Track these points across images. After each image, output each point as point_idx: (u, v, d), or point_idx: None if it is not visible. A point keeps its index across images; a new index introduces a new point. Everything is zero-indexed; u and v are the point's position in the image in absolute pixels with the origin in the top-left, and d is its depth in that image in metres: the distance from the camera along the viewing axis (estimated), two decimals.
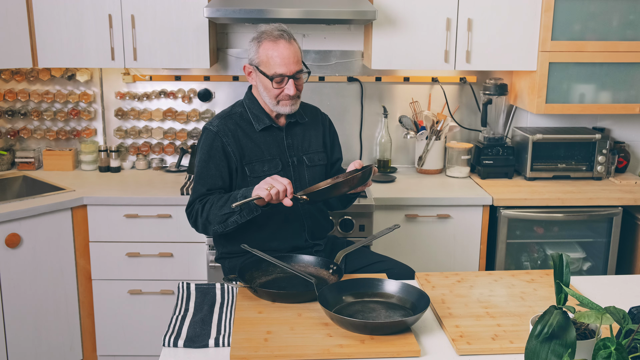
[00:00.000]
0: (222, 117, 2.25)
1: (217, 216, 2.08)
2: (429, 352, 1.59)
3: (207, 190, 2.17)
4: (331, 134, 2.45)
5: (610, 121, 3.56)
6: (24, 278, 2.80)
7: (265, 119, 2.25)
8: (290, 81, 2.14)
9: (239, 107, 2.29)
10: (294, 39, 2.18)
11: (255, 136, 2.24)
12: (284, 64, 2.12)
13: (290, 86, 2.14)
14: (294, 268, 1.95)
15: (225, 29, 3.41)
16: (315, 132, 2.37)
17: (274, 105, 2.20)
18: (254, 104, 2.27)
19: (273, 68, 2.13)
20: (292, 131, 2.31)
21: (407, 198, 2.98)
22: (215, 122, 2.23)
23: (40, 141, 3.48)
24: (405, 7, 3.06)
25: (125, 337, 3.06)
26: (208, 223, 2.12)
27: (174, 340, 1.62)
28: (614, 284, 2.03)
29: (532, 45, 3.12)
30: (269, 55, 2.13)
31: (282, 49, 2.12)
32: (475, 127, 3.55)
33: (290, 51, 2.13)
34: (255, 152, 2.22)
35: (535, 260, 3.15)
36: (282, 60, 2.11)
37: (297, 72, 2.15)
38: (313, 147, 2.34)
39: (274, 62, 2.12)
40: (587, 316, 1.25)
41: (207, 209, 2.11)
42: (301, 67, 2.17)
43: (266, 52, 2.13)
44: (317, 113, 2.44)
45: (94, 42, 3.05)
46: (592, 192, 3.11)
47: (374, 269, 2.25)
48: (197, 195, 2.18)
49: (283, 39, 2.13)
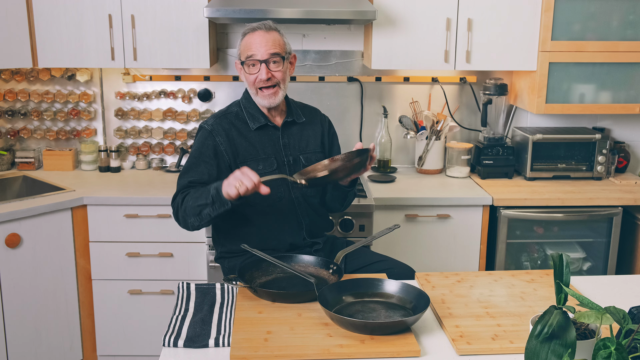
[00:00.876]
0: (218, 116, 2.27)
1: (193, 207, 2.07)
2: (429, 352, 1.59)
3: (189, 182, 2.16)
4: (330, 135, 2.45)
5: (610, 121, 3.56)
6: (24, 278, 2.80)
7: (260, 117, 2.26)
8: (263, 65, 2.16)
9: (235, 107, 2.31)
10: (277, 30, 2.20)
11: (250, 135, 2.24)
12: (255, 48, 2.16)
13: (262, 70, 2.15)
14: (294, 268, 1.95)
15: (225, 29, 3.41)
16: (314, 132, 2.37)
17: (254, 95, 2.22)
18: (250, 103, 2.28)
19: (246, 53, 2.18)
20: (288, 131, 2.31)
21: (407, 198, 2.98)
22: (210, 121, 2.25)
23: (40, 141, 3.48)
24: (405, 7, 3.06)
25: (125, 337, 3.06)
26: (186, 215, 2.11)
27: (174, 340, 1.62)
28: (614, 284, 2.03)
29: (532, 45, 3.12)
30: (245, 44, 2.19)
31: (256, 36, 2.17)
32: (475, 127, 3.55)
33: (265, 37, 2.16)
34: (250, 151, 2.23)
35: (535, 260, 3.15)
36: (254, 45, 2.16)
37: (270, 56, 2.16)
38: (310, 147, 2.34)
39: (248, 47, 2.17)
40: (587, 316, 1.25)
41: (185, 201, 2.11)
42: (276, 51, 2.17)
43: (245, 42, 2.20)
44: (316, 114, 2.44)
45: (94, 42, 3.05)
46: (592, 192, 3.11)
47: (374, 268, 2.25)
48: (182, 185, 2.17)
49: (260, 29, 2.18)
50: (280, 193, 2.24)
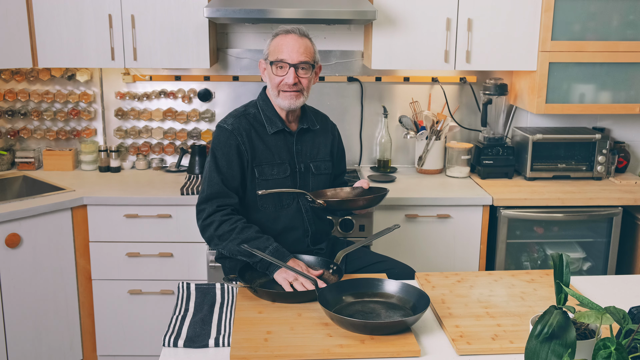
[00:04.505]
0: (237, 116, 2.24)
1: (232, 249, 2.06)
2: (429, 352, 1.59)
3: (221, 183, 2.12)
4: (339, 145, 2.46)
5: (610, 121, 3.56)
6: (24, 278, 2.80)
7: (277, 122, 2.23)
8: (291, 70, 2.14)
9: (253, 108, 2.27)
10: (309, 37, 2.19)
11: (267, 139, 2.23)
12: (287, 52, 2.14)
13: (290, 74, 2.14)
14: (294, 268, 1.95)
15: (225, 29, 3.41)
16: (325, 140, 2.36)
17: (275, 96, 2.20)
18: (268, 105, 2.25)
19: (276, 55, 2.16)
20: (302, 137, 2.30)
21: (407, 198, 2.98)
22: (229, 121, 2.21)
23: (40, 141, 3.48)
24: (405, 7, 3.06)
25: (125, 337, 3.06)
26: (218, 243, 2.10)
27: (174, 340, 1.62)
28: (614, 284, 2.03)
29: (532, 45, 3.12)
30: (276, 45, 2.17)
31: (289, 39, 2.15)
32: (475, 127, 3.55)
33: (298, 42, 2.14)
34: (266, 154, 2.21)
35: (535, 260, 3.15)
36: (286, 48, 2.14)
37: (300, 63, 2.14)
38: (321, 155, 2.33)
39: (279, 49, 2.15)
40: (587, 316, 1.25)
41: (226, 233, 2.08)
42: (307, 60, 2.15)
43: (276, 43, 2.18)
44: (327, 121, 2.43)
45: (94, 42, 3.05)
46: (592, 192, 3.11)
47: (374, 269, 2.25)
48: (214, 191, 2.13)
49: (294, 33, 2.16)
50: (288, 200, 2.23)
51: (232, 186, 2.16)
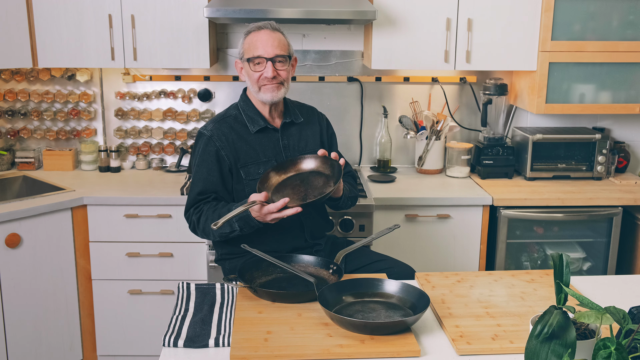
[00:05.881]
0: (216, 120, 2.27)
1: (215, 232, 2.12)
2: (429, 352, 1.59)
3: (198, 193, 2.20)
4: (329, 134, 2.45)
5: (610, 121, 3.56)
6: (24, 278, 2.80)
7: (259, 120, 2.25)
8: (269, 64, 2.16)
9: (234, 110, 2.30)
10: (281, 31, 2.22)
11: (250, 138, 2.24)
12: (262, 47, 2.16)
13: (269, 68, 2.16)
14: (294, 268, 1.95)
15: (225, 29, 3.41)
16: (312, 131, 2.37)
17: (256, 92, 2.22)
18: (248, 105, 2.27)
19: (252, 52, 2.18)
20: (287, 132, 2.31)
21: (407, 198, 2.98)
22: (209, 127, 2.24)
23: (40, 141, 3.48)
24: (405, 7, 3.06)
25: (125, 337, 3.06)
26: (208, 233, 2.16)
27: (174, 340, 1.62)
28: (614, 284, 2.03)
29: (532, 45, 3.12)
30: (250, 42, 2.19)
31: (262, 35, 2.18)
32: (475, 127, 3.55)
33: (271, 37, 2.18)
34: (250, 154, 2.23)
35: (535, 260, 3.15)
36: (261, 44, 2.17)
37: (276, 56, 2.17)
38: (310, 147, 2.34)
39: (254, 46, 2.18)
40: (587, 316, 1.25)
41: (202, 222, 2.16)
42: (283, 53, 2.18)
43: (249, 40, 2.20)
44: (313, 113, 2.44)
45: (94, 42, 3.05)
46: (592, 192, 3.11)
47: (374, 268, 2.25)
48: (192, 199, 2.21)
49: (266, 28, 2.19)
50: None
51: (208, 192, 2.21)
